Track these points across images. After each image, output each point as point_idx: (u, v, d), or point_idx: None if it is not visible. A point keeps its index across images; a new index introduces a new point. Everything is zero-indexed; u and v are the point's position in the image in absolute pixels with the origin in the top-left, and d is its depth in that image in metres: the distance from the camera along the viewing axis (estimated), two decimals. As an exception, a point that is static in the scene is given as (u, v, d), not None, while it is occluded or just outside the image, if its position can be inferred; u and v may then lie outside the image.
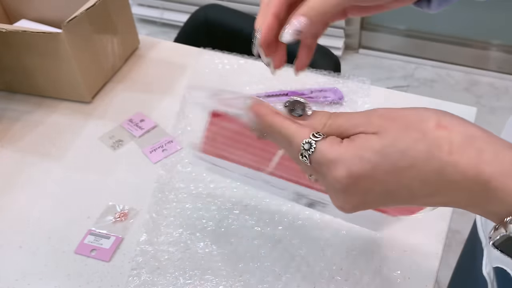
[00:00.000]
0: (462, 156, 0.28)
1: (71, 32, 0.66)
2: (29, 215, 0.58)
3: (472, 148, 0.28)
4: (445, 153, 0.28)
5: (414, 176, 0.28)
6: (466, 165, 0.28)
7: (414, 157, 0.28)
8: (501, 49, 1.84)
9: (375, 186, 0.29)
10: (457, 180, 0.28)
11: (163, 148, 0.65)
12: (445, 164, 0.28)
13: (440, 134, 0.28)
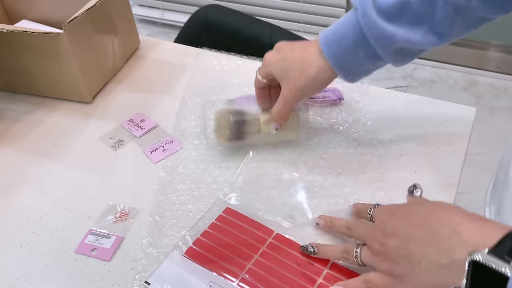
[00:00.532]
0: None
1: (71, 33, 0.67)
2: (30, 214, 0.58)
3: None
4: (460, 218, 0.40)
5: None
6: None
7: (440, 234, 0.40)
8: (501, 49, 1.84)
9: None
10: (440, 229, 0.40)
11: (164, 148, 0.65)
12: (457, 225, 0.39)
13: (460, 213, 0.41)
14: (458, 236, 0.37)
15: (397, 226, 0.43)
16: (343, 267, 0.50)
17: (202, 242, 0.53)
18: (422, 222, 0.42)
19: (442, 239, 0.38)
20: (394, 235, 0.43)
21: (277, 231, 0.54)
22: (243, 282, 0.49)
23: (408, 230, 0.42)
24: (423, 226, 0.41)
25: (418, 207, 0.44)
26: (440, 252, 0.38)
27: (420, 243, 0.40)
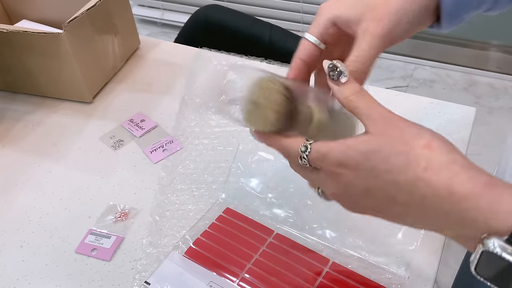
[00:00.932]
0: (437, 175, 0.30)
1: (72, 33, 0.67)
2: (30, 214, 0.58)
3: (448, 170, 0.30)
4: (421, 168, 0.31)
5: (390, 180, 0.32)
6: (438, 183, 0.30)
7: (392, 164, 0.32)
8: (500, 49, 1.84)
9: (356, 180, 0.34)
10: (428, 196, 0.31)
11: (164, 148, 0.65)
12: (418, 178, 0.31)
13: (423, 152, 0.31)
14: (466, 213, 0.29)
15: (363, 205, 0.35)
16: (343, 267, 0.50)
17: (202, 242, 0.53)
18: (401, 182, 0.31)
19: (444, 214, 0.30)
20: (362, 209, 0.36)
21: (277, 231, 0.54)
22: (243, 282, 0.49)
23: (382, 188, 0.33)
24: (408, 204, 0.32)
25: (389, 151, 0.32)
26: (441, 224, 0.31)
27: (407, 208, 0.32)
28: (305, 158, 0.36)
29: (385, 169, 0.32)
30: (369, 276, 0.49)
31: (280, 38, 0.99)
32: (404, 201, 0.32)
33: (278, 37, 0.99)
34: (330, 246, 0.52)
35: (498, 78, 1.86)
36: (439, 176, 0.30)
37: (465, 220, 0.30)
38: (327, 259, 0.51)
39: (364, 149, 0.33)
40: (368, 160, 0.33)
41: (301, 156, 0.36)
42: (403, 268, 0.49)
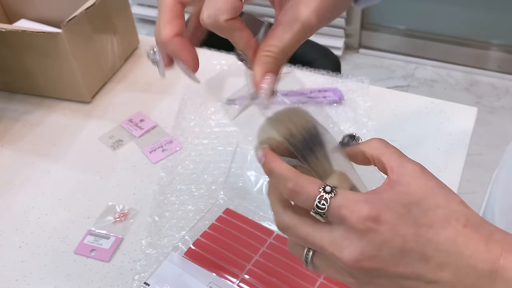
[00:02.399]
0: (476, 231, 0.29)
1: (70, 32, 0.66)
2: (29, 215, 0.58)
3: (484, 228, 0.29)
4: (461, 224, 0.29)
5: (430, 238, 0.28)
6: (478, 239, 0.28)
7: (432, 219, 0.29)
8: (502, 49, 1.84)
9: (394, 239, 0.28)
10: (467, 254, 0.28)
11: (163, 148, 0.65)
12: (459, 234, 0.28)
13: (460, 207, 0.29)
14: (500, 272, 0.28)
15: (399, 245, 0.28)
16: None
17: (202, 242, 0.53)
18: (441, 240, 0.28)
19: (477, 274, 0.28)
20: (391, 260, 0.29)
21: (277, 232, 0.54)
22: (243, 283, 0.49)
23: (417, 251, 0.28)
24: (445, 250, 0.28)
25: (428, 203, 0.29)
26: (471, 287, 0.28)
27: (439, 273, 0.28)
28: (325, 202, 0.29)
29: (427, 224, 0.28)
30: None
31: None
32: (441, 261, 0.28)
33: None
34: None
35: (500, 78, 1.86)
36: (477, 233, 0.29)
37: (497, 282, 0.28)
38: None
39: (406, 201, 0.29)
40: (410, 213, 0.29)
41: (321, 199, 0.29)
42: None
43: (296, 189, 0.30)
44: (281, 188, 0.31)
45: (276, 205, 0.33)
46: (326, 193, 0.29)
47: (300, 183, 0.30)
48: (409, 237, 0.28)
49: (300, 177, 0.30)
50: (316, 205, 0.29)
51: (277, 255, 0.51)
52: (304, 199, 0.30)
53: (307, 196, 0.29)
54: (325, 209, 0.29)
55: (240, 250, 0.52)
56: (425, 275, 0.29)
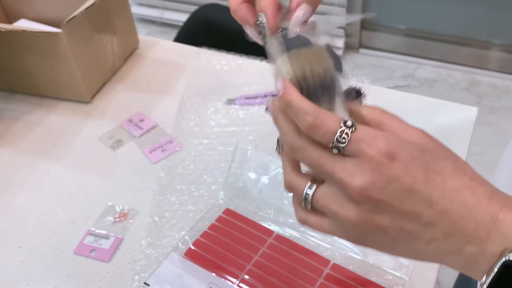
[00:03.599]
0: (481, 186, 0.30)
1: (70, 32, 0.66)
2: (29, 215, 0.58)
3: (488, 185, 0.31)
4: (468, 178, 0.30)
5: (438, 184, 0.30)
6: (482, 193, 0.30)
7: (442, 167, 0.30)
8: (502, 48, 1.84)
9: (404, 177, 0.29)
10: (470, 205, 0.29)
11: (163, 148, 0.65)
12: (466, 185, 0.30)
13: (466, 165, 0.31)
14: (498, 225, 0.29)
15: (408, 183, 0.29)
16: (344, 268, 0.50)
17: (202, 243, 0.52)
18: (449, 188, 0.30)
19: (476, 224, 0.29)
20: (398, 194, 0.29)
21: (277, 232, 0.53)
22: (243, 283, 0.49)
23: (424, 193, 0.29)
24: (451, 197, 0.29)
25: (439, 154, 0.31)
26: (468, 238, 0.30)
27: (440, 218, 0.29)
28: (346, 136, 0.30)
29: (437, 171, 0.30)
30: (370, 278, 0.49)
31: (280, 37, 0.99)
32: (445, 208, 0.30)
33: (278, 36, 0.99)
34: (331, 247, 0.52)
35: (500, 77, 1.86)
36: (483, 187, 0.30)
37: (493, 235, 0.29)
38: (328, 260, 0.50)
39: (420, 145, 0.30)
40: (424, 157, 0.30)
41: (342, 133, 0.30)
42: (404, 269, 0.49)
43: (316, 123, 0.30)
44: (300, 120, 0.31)
45: (290, 129, 0.32)
46: (347, 127, 0.30)
47: (320, 116, 0.30)
48: (418, 178, 0.29)
49: (320, 111, 0.31)
50: (337, 139, 0.30)
51: (277, 255, 0.51)
52: (324, 132, 0.30)
53: (327, 129, 0.30)
54: (345, 143, 0.30)
55: (240, 250, 0.52)
56: (427, 218, 0.30)
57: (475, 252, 0.30)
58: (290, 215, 0.55)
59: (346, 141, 0.30)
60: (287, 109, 0.32)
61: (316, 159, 0.31)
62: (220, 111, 0.71)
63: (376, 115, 0.33)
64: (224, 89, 0.75)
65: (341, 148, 0.30)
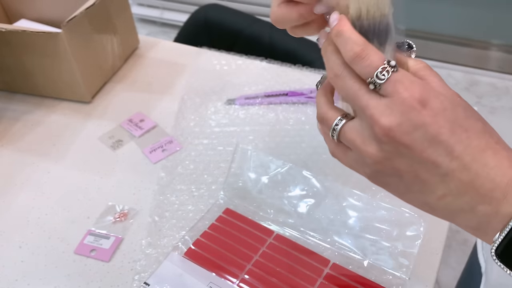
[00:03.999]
0: (504, 150, 0.31)
1: (70, 32, 0.66)
2: (29, 215, 0.58)
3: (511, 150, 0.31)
4: (494, 140, 0.31)
5: (463, 140, 0.30)
6: (505, 156, 0.30)
7: (470, 126, 0.31)
8: (502, 49, 1.84)
9: (431, 125, 0.30)
10: (491, 165, 0.30)
11: (163, 148, 0.65)
12: (490, 147, 0.30)
13: (495, 131, 0.32)
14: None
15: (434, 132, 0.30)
16: (344, 268, 0.50)
17: (202, 242, 0.53)
18: (472, 145, 0.30)
19: (493, 185, 0.30)
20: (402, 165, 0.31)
21: (277, 232, 0.54)
22: (243, 283, 0.49)
23: (447, 145, 0.30)
24: (472, 155, 0.30)
25: (470, 113, 0.32)
26: (483, 197, 0.30)
27: (457, 173, 0.30)
28: (386, 74, 0.31)
29: (465, 127, 0.30)
30: (370, 277, 0.49)
31: (280, 38, 0.99)
32: (461, 164, 0.30)
33: (278, 37, 0.99)
34: (330, 247, 0.52)
35: (500, 77, 1.86)
36: (507, 152, 0.31)
37: (508, 196, 0.29)
38: (328, 260, 0.50)
39: (453, 100, 0.31)
40: (454, 111, 0.30)
41: (383, 70, 0.31)
42: (403, 269, 0.49)
43: (362, 54, 0.31)
44: (347, 50, 0.32)
45: (336, 58, 0.33)
46: (390, 66, 0.31)
47: (367, 49, 0.31)
48: (444, 130, 0.30)
49: (368, 45, 0.32)
50: (377, 75, 0.31)
51: (277, 255, 0.51)
52: (367, 65, 0.31)
53: (370, 63, 0.31)
54: (384, 79, 0.31)
55: (240, 250, 0.52)
56: (444, 169, 0.30)
57: (488, 212, 0.30)
58: (290, 215, 0.55)
59: (385, 79, 0.30)
60: (337, 38, 0.32)
61: (354, 90, 0.32)
62: (220, 111, 0.71)
63: (421, 68, 0.33)
64: (224, 89, 0.75)
65: (378, 84, 0.31)
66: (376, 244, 0.51)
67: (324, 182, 0.56)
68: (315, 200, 0.56)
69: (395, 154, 0.31)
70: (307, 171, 0.56)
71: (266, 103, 0.72)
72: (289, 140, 0.65)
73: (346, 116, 0.34)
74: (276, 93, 0.72)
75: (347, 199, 0.55)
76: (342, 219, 0.53)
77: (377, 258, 0.50)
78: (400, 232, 0.51)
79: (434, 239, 0.53)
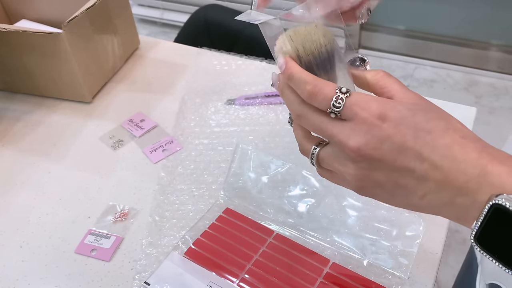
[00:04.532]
0: (471, 142, 0.32)
1: (71, 32, 0.67)
2: (30, 214, 0.58)
3: (480, 142, 0.33)
4: (458, 136, 0.32)
5: (428, 142, 0.32)
6: (472, 149, 0.32)
7: (433, 126, 0.32)
8: (501, 49, 1.84)
9: (395, 136, 0.32)
10: (460, 159, 0.31)
11: (163, 148, 0.65)
12: (455, 143, 0.32)
13: (459, 125, 0.33)
14: (487, 177, 0.31)
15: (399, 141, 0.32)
16: (343, 267, 0.50)
17: (202, 242, 0.53)
18: (439, 145, 0.32)
19: (466, 177, 0.31)
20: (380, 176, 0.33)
21: (277, 232, 0.54)
22: (243, 282, 0.49)
23: (415, 150, 0.32)
24: (441, 153, 0.31)
25: (431, 115, 0.33)
26: (459, 190, 0.31)
27: (431, 173, 0.32)
28: (341, 101, 0.33)
29: (427, 129, 0.32)
30: (369, 277, 0.49)
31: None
32: (435, 164, 0.32)
33: (278, 37, 0.99)
34: (330, 247, 0.52)
35: (499, 78, 1.86)
36: (474, 143, 0.32)
37: (482, 186, 0.31)
38: (327, 259, 0.51)
39: (412, 106, 0.33)
40: (414, 117, 0.32)
41: (337, 99, 0.33)
42: (403, 268, 0.49)
43: (314, 91, 0.34)
44: (301, 90, 0.35)
45: (294, 99, 0.36)
46: (342, 93, 0.33)
47: (318, 85, 0.34)
48: (408, 137, 0.32)
49: (317, 80, 0.34)
50: (333, 104, 0.33)
51: (277, 254, 0.51)
52: (322, 99, 0.33)
53: (324, 96, 0.33)
54: (340, 107, 0.33)
55: (240, 249, 0.52)
56: (419, 172, 0.32)
57: (466, 202, 0.32)
58: (290, 215, 0.55)
59: (341, 106, 0.33)
60: (289, 81, 0.36)
61: (318, 124, 0.35)
62: (220, 111, 0.71)
63: (379, 78, 0.36)
64: (224, 90, 0.75)
65: (337, 112, 0.33)
66: (376, 244, 0.51)
67: (323, 182, 0.56)
68: (315, 199, 0.56)
69: (371, 169, 0.33)
70: (307, 171, 0.56)
71: (266, 103, 0.72)
72: (289, 140, 0.66)
73: (320, 144, 0.37)
74: (276, 93, 0.73)
75: (346, 199, 0.55)
76: (342, 219, 0.53)
77: (377, 257, 0.51)
78: (400, 231, 0.51)
79: (434, 238, 0.53)
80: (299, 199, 0.56)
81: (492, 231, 0.30)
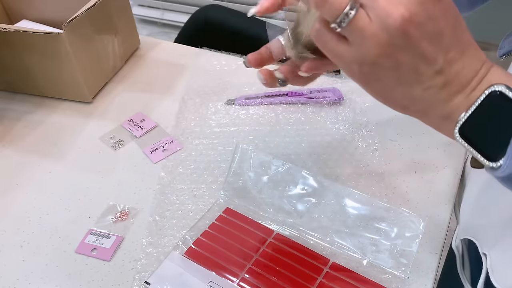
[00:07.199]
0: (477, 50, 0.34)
1: (71, 33, 0.67)
2: (30, 214, 0.58)
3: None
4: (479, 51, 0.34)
5: (459, 37, 0.33)
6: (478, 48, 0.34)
7: (462, 22, 0.33)
8: (501, 49, 1.84)
9: (441, 20, 0.31)
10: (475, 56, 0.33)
11: (164, 148, 0.65)
12: (472, 40, 0.34)
13: None
14: (487, 77, 0.33)
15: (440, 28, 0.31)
16: (343, 267, 0.50)
17: (202, 242, 0.53)
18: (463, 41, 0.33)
19: (473, 74, 0.33)
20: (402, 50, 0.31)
21: (277, 231, 0.54)
22: (243, 282, 0.49)
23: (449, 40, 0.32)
24: (463, 49, 0.33)
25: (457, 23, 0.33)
26: (463, 87, 0.33)
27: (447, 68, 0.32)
28: None
29: (463, 27, 0.33)
30: (369, 276, 0.49)
31: (280, 38, 0.99)
32: (453, 57, 0.32)
33: (278, 37, 0.99)
34: (330, 247, 0.52)
35: (499, 78, 1.86)
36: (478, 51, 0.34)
37: (481, 83, 0.32)
38: (327, 259, 0.51)
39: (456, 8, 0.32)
40: (457, 17, 0.32)
41: None
42: (402, 268, 0.49)
43: None
44: None
45: None
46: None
47: None
48: (450, 27, 0.31)
49: None
50: None
51: (277, 254, 0.51)
52: None
53: None
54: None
55: (240, 249, 0.52)
56: (439, 66, 0.32)
57: (461, 100, 0.33)
58: (290, 214, 0.55)
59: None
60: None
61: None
62: (220, 111, 0.71)
63: None
64: (224, 90, 0.75)
65: None
66: (376, 243, 0.51)
67: (323, 182, 0.56)
68: (314, 199, 0.56)
69: (403, 48, 0.31)
70: (306, 171, 0.57)
71: (266, 103, 0.72)
72: (289, 140, 0.66)
73: (357, 2, 0.31)
74: (276, 93, 0.73)
75: (346, 199, 0.55)
76: (342, 219, 0.53)
77: (377, 257, 0.51)
78: (399, 231, 0.51)
79: (433, 238, 0.53)
80: (299, 199, 0.56)
81: (479, 120, 0.32)
